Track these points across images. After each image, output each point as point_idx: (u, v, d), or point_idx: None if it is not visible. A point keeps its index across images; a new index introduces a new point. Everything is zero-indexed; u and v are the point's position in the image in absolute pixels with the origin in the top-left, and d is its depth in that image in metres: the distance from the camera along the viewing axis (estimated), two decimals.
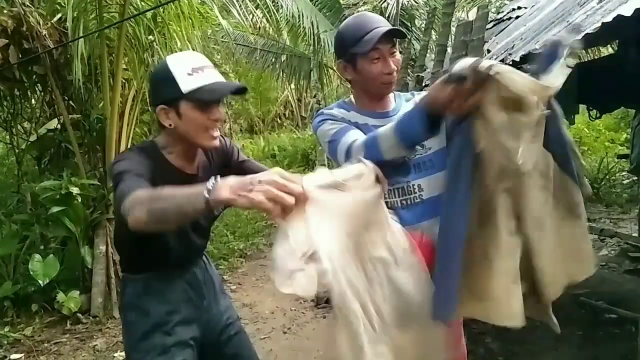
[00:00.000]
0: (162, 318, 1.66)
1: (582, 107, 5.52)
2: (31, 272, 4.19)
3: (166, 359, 1.63)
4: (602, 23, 2.15)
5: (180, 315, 1.69)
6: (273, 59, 9.76)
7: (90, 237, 4.61)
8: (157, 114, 1.54)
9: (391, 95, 1.83)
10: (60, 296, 4.33)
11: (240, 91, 1.66)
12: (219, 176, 1.13)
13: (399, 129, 1.45)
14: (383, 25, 1.67)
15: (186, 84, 1.48)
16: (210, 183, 1.10)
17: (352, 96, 1.83)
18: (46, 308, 4.43)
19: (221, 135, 1.69)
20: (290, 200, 1.03)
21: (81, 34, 4.26)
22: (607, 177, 8.10)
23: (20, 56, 4.35)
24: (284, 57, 9.71)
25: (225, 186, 1.08)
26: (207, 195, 1.09)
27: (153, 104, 1.60)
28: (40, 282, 4.18)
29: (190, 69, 1.49)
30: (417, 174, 1.69)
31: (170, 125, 1.53)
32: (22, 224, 4.74)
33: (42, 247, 4.59)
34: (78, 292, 4.43)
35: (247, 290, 5.05)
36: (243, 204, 1.07)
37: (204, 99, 1.50)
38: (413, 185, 1.70)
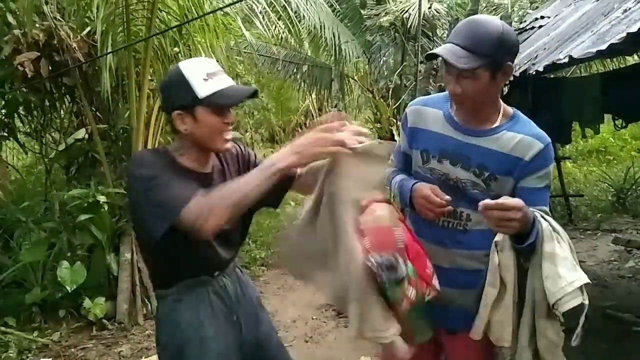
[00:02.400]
0: (194, 332, 1.64)
1: (608, 117, 5.46)
2: (59, 279, 4.28)
3: None
4: (627, 33, 2.15)
5: (213, 329, 1.67)
6: (295, 69, 9.83)
7: (116, 245, 4.69)
8: (173, 119, 1.56)
9: (502, 113, 1.70)
10: (87, 302, 4.41)
11: (253, 95, 1.68)
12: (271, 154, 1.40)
13: (400, 194, 1.77)
14: (459, 42, 1.52)
15: (203, 90, 1.50)
16: (270, 159, 1.41)
17: None
18: (73, 314, 4.52)
19: (237, 143, 1.75)
20: (336, 148, 1.34)
21: (109, 47, 4.36)
22: (634, 187, 7.95)
23: (50, 68, 4.48)
24: (305, 68, 9.77)
25: (289, 155, 1.37)
26: (278, 167, 1.37)
27: (167, 110, 1.62)
28: (68, 288, 4.26)
29: (205, 74, 1.52)
30: (470, 205, 1.65)
31: (185, 130, 1.56)
32: (50, 232, 4.85)
33: (69, 254, 4.68)
34: (104, 298, 4.51)
35: (269, 298, 5.08)
36: (310, 160, 1.41)
37: (221, 103, 1.54)
38: (461, 212, 1.69)
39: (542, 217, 1.53)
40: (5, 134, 5.36)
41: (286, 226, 1.61)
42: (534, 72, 3.09)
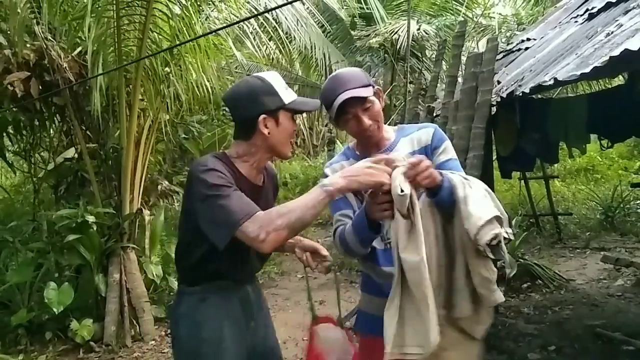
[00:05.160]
0: (214, 332, 1.69)
1: (594, 136, 5.53)
2: (46, 300, 4.22)
3: None
4: (610, 57, 2.19)
5: (231, 332, 1.71)
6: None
7: (105, 266, 4.65)
8: (259, 122, 1.67)
9: (389, 130, 1.90)
10: (74, 324, 4.34)
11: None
12: (326, 178, 1.53)
13: (355, 229, 1.68)
14: (349, 87, 1.71)
15: (286, 97, 1.71)
16: (324, 182, 1.49)
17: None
18: (59, 336, 4.44)
19: None
20: (384, 179, 1.44)
21: (100, 67, 4.38)
22: (622, 205, 8.03)
23: (40, 88, 4.47)
24: (296, 87, 9.85)
25: (338, 179, 1.47)
26: (328, 190, 1.46)
27: (250, 115, 1.68)
28: (55, 310, 4.20)
29: (285, 85, 1.74)
30: None
31: (268, 132, 1.68)
32: (37, 252, 4.79)
33: (56, 275, 4.63)
34: (91, 320, 4.45)
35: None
36: (356, 187, 1.48)
37: (302, 109, 1.78)
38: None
39: (452, 173, 1.70)
40: None
41: None
42: (521, 94, 3.14)
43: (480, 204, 1.60)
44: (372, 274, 1.90)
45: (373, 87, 1.77)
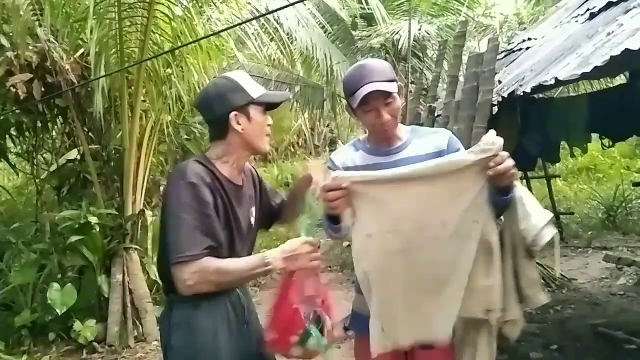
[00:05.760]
0: (211, 339, 1.67)
1: (595, 136, 5.53)
2: (49, 301, 4.23)
3: None
4: (610, 56, 2.20)
5: (226, 337, 1.71)
6: (287, 90, 9.90)
7: (107, 266, 4.66)
8: (230, 119, 1.70)
9: (403, 129, 1.88)
10: (77, 325, 4.36)
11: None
12: (268, 252, 1.63)
13: (325, 221, 1.70)
14: (375, 79, 1.69)
15: (254, 92, 1.74)
16: (268, 257, 1.61)
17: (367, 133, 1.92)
18: (63, 337, 4.46)
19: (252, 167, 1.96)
20: (316, 262, 1.66)
21: (102, 68, 4.39)
22: (623, 204, 8.02)
23: (43, 90, 4.49)
24: (297, 88, 9.85)
25: (278, 259, 1.61)
26: (267, 267, 1.61)
27: (220, 115, 1.72)
28: (58, 310, 4.21)
29: (253, 82, 1.78)
30: None
31: (242, 129, 1.72)
32: (40, 253, 4.80)
33: (59, 276, 4.64)
34: (94, 320, 4.46)
35: (261, 319, 5.03)
36: (293, 269, 1.63)
37: (271, 101, 1.80)
38: None
39: None
40: None
41: None
42: (522, 93, 3.15)
43: (536, 205, 1.58)
44: None
45: (396, 82, 1.76)
